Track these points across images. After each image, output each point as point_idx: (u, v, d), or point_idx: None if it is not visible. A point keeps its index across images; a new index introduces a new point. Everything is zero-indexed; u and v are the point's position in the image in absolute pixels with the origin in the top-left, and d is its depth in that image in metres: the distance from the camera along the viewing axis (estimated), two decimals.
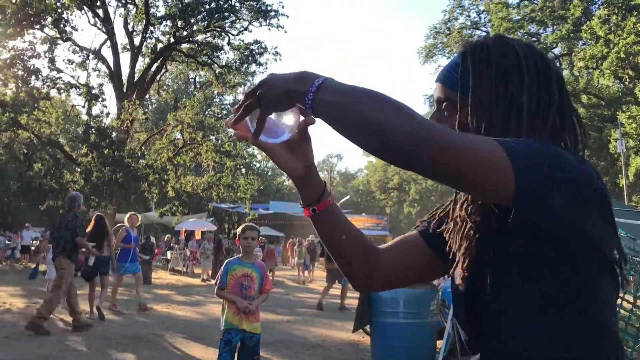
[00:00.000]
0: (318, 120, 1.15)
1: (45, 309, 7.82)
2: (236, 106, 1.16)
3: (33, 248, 24.68)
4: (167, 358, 6.69)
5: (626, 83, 32.41)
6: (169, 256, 24.47)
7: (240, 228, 4.84)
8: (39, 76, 26.39)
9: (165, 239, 29.20)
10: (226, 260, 4.86)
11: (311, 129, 1.25)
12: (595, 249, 1.04)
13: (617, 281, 1.10)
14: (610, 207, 1.06)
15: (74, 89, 27.98)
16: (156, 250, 24.95)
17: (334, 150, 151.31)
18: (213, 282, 18.58)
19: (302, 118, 1.19)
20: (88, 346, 7.06)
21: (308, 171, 1.28)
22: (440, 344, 6.39)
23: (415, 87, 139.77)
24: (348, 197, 55.93)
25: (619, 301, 3.49)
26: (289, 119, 1.18)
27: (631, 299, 3.98)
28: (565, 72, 38.01)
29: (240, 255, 4.82)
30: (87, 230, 9.32)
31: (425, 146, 0.95)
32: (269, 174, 62.96)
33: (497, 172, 0.97)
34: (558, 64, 38.71)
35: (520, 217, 1.00)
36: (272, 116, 1.16)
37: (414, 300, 6.16)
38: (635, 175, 25.43)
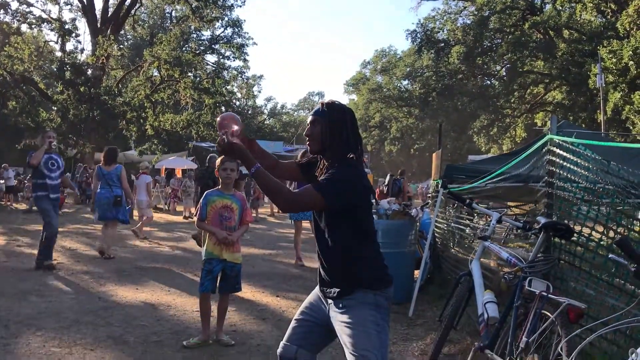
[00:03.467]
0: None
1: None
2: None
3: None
4: (150, 290, 6.78)
5: (608, 17, 32.16)
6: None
7: (219, 159, 4.81)
8: (8, 10, 25.48)
9: None
10: (205, 192, 4.85)
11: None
12: (363, 208, 2.64)
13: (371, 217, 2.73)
14: (366, 188, 2.61)
15: (45, 23, 27.10)
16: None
17: (315, 87, 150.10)
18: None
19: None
20: (69, 281, 7.12)
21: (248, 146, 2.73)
22: (417, 273, 6.55)
23: (397, 24, 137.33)
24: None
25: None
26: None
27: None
28: (548, 7, 37.60)
29: (220, 186, 4.82)
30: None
31: (289, 202, 2.55)
32: (250, 112, 62.31)
33: (316, 199, 2.49)
34: None
35: (331, 210, 2.57)
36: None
37: (393, 230, 6.26)
38: (612, 111, 25.57)
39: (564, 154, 3.33)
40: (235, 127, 2.66)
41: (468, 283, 3.92)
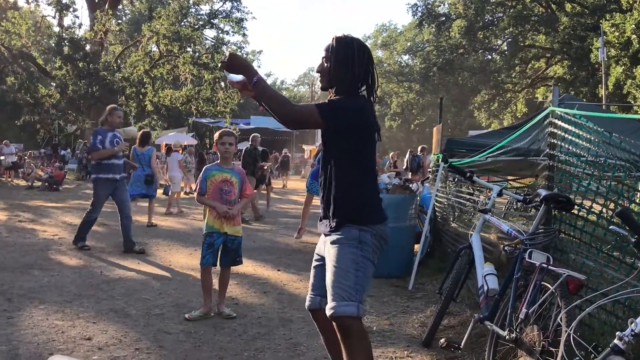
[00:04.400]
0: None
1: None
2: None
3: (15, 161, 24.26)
4: (152, 264, 6.81)
5: None
6: None
7: (217, 133, 4.81)
8: None
9: None
10: (205, 167, 4.85)
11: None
12: (363, 141, 2.68)
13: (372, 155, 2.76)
14: (369, 122, 2.69)
15: None
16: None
17: (314, 63, 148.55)
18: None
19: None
20: (71, 255, 7.15)
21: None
22: (418, 247, 6.58)
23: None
24: None
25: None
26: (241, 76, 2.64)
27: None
28: None
29: (219, 161, 4.81)
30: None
31: (289, 113, 2.56)
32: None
33: (314, 116, 2.57)
34: None
35: (329, 128, 2.66)
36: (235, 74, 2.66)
37: (393, 204, 6.26)
38: (614, 85, 25.42)
39: (566, 126, 3.31)
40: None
41: (468, 256, 3.94)
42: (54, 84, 26.72)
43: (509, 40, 39.34)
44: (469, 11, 37.81)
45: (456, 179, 6.73)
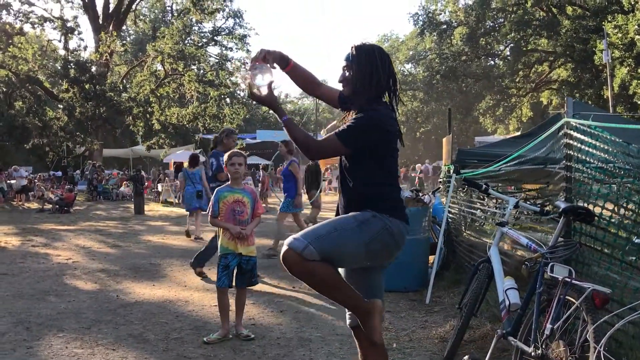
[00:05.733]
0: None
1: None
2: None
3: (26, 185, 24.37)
4: (167, 285, 6.81)
5: None
6: (159, 189, 24.48)
7: (226, 155, 4.82)
8: (10, 10, 25.47)
9: (152, 171, 29.09)
10: (216, 189, 4.86)
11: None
12: (386, 148, 2.68)
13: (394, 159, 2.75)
14: (390, 132, 2.66)
15: (48, 22, 27.09)
16: (146, 183, 24.97)
17: (318, 76, 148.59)
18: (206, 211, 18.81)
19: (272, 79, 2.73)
20: (86, 279, 7.16)
21: (270, 100, 2.75)
22: (432, 258, 6.54)
23: (398, 9, 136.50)
24: (335, 122, 55.56)
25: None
26: (268, 77, 2.70)
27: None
28: None
29: (229, 182, 4.82)
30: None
31: (316, 149, 2.68)
32: (254, 102, 61.97)
33: (338, 147, 2.64)
34: None
35: (352, 152, 2.68)
36: (261, 75, 2.71)
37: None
38: (620, 86, 25.34)
39: (582, 137, 3.29)
40: (266, 78, 2.69)
41: (487, 270, 3.91)
42: (62, 107, 26.93)
43: (512, 45, 39.33)
44: (470, 18, 37.90)
45: (466, 188, 6.70)
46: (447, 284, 6.30)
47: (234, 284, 4.70)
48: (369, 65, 2.67)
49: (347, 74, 2.74)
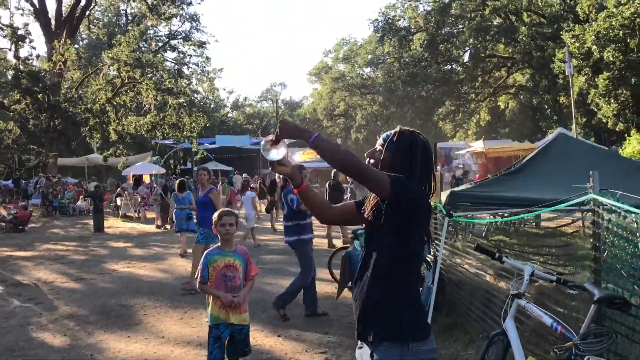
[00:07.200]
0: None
1: None
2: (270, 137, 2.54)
3: None
4: (144, 337, 6.38)
5: (568, 0, 32.49)
6: (118, 202, 23.68)
7: (216, 214, 4.46)
8: None
9: (109, 182, 28.00)
10: (205, 252, 4.48)
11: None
12: (418, 223, 2.52)
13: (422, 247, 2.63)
14: (426, 210, 2.56)
15: None
16: (105, 196, 24.07)
17: (277, 79, 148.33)
18: (168, 227, 18.20)
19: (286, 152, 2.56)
20: (55, 331, 6.67)
21: (293, 171, 2.61)
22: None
23: (357, 12, 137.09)
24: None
25: None
26: (282, 150, 2.55)
27: None
28: None
29: (219, 243, 4.47)
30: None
31: (356, 165, 2.37)
32: (212, 106, 61.11)
33: (384, 182, 2.37)
34: None
35: (390, 203, 2.42)
36: (276, 150, 2.55)
37: None
38: (577, 94, 25.84)
39: (611, 217, 3.11)
40: (280, 153, 2.58)
41: (502, 342, 3.70)
42: (13, 119, 25.83)
43: (470, 51, 39.84)
44: (430, 24, 38.22)
45: (455, 230, 6.52)
46: (441, 329, 6.08)
47: (225, 355, 4.36)
48: (406, 151, 2.58)
49: (378, 151, 2.65)
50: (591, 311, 3.01)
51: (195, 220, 10.16)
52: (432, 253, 6.23)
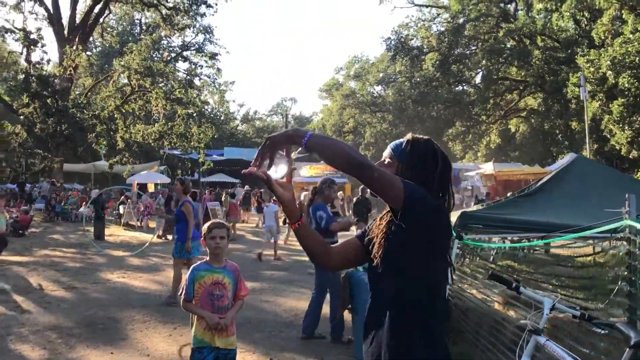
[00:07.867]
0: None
1: None
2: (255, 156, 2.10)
3: None
4: (128, 353, 5.99)
5: (583, 25, 32.19)
6: (121, 210, 23.37)
7: (206, 226, 4.08)
8: None
9: (112, 190, 27.76)
10: (192, 266, 4.10)
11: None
12: (436, 244, 2.18)
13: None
14: (447, 221, 2.27)
15: (9, 33, 25.94)
16: (108, 204, 23.78)
17: (287, 94, 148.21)
18: (170, 238, 17.87)
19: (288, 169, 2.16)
20: (34, 343, 6.29)
21: (291, 200, 2.20)
22: None
23: (370, 30, 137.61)
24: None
25: None
26: (283, 168, 2.16)
27: None
28: (520, 13, 37.57)
29: (208, 258, 4.08)
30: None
31: (368, 169, 2.04)
32: (222, 118, 61.09)
33: (397, 188, 2.08)
34: (515, 5, 38.16)
35: (405, 214, 2.09)
36: (274, 167, 2.14)
37: None
38: (591, 120, 25.44)
39: None
40: (280, 170, 2.19)
41: None
42: (21, 122, 25.69)
43: (483, 73, 39.59)
44: (443, 45, 38.01)
45: (463, 253, 6.12)
46: None
47: None
48: (422, 162, 2.28)
49: (387, 161, 2.34)
50: (626, 356, 2.61)
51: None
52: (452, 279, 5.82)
